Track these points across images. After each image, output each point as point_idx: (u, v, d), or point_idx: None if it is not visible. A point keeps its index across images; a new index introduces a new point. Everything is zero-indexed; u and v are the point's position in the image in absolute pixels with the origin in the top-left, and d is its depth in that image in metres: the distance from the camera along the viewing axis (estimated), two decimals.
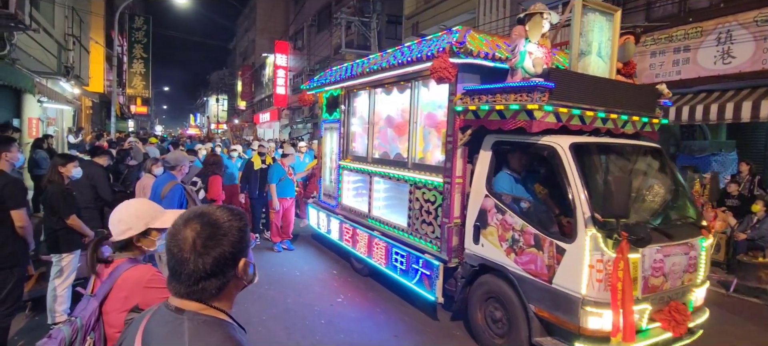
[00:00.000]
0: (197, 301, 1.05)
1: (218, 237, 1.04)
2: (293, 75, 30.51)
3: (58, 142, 13.18)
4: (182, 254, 1.03)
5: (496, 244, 3.83)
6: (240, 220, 1.10)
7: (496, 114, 3.78)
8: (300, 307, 5.12)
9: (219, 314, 1.06)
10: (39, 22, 9.74)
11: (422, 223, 4.78)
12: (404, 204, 5.13)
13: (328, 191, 7.17)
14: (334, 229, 6.69)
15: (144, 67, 24.74)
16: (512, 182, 3.99)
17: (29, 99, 10.61)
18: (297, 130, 28.99)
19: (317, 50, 26.29)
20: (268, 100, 34.78)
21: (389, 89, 5.63)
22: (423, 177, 4.78)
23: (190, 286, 1.03)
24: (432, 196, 4.62)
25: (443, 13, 16.21)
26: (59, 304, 4.07)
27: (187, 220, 1.06)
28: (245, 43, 44.50)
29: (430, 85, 4.83)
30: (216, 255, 1.03)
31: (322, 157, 7.45)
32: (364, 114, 6.26)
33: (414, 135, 5.08)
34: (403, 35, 18.24)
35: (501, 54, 4.14)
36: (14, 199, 3.45)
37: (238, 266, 1.07)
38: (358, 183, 6.44)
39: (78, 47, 13.84)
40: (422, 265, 4.52)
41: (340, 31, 19.95)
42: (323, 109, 7.32)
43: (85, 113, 17.96)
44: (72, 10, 13.22)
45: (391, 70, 4.89)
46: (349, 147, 6.60)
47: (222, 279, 1.05)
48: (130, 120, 28.72)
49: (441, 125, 4.75)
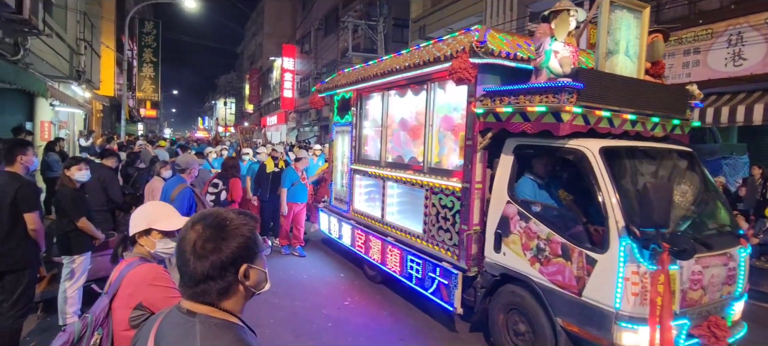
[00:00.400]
0: (202, 303, 1.04)
1: (217, 241, 1.02)
2: (300, 78, 30.43)
3: (70, 145, 13.18)
4: (184, 255, 1.03)
5: (520, 253, 3.59)
6: (248, 226, 1.07)
7: (520, 116, 3.54)
8: (307, 310, 5.06)
9: (230, 317, 1.05)
10: (52, 27, 9.71)
11: (439, 229, 4.53)
12: (419, 210, 4.89)
13: (340, 195, 6.92)
14: (345, 234, 6.43)
15: (153, 71, 24.71)
16: (535, 187, 3.75)
17: (42, 103, 10.58)
18: (304, 133, 28.88)
19: (324, 54, 26.18)
20: (275, 104, 34.71)
21: (403, 92, 5.40)
22: (440, 182, 4.54)
23: (192, 287, 1.03)
24: (449, 202, 4.38)
25: (450, 16, 16.01)
26: (70, 305, 4.07)
27: (194, 222, 1.06)
28: (253, 46, 44.50)
29: (447, 86, 4.65)
30: (213, 259, 1.01)
31: (333, 161, 7.21)
32: (377, 117, 6.04)
33: (430, 138, 4.84)
34: (410, 38, 18.06)
35: (522, 54, 3.91)
36: (28, 202, 3.44)
37: (240, 270, 1.05)
38: (371, 187, 6.20)
39: (89, 52, 13.84)
40: (440, 273, 4.27)
41: (346, 34, 19.84)
42: (334, 112, 7.08)
43: (96, 117, 17.91)
44: (84, 15, 13.20)
45: (406, 72, 4.66)
46: (361, 151, 6.37)
47: (221, 283, 1.03)
48: (140, 123, 28.73)
49: (458, 128, 4.53)
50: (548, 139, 3.52)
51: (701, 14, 8.62)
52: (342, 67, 23.66)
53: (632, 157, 3.40)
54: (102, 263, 4.74)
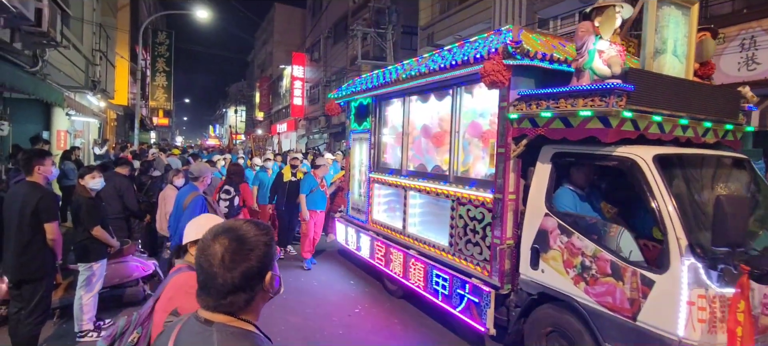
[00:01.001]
0: (226, 314, 1.04)
1: (245, 252, 1.03)
2: (310, 86, 30.33)
3: (85, 153, 13.18)
4: (211, 269, 1.01)
5: (561, 270, 3.22)
6: (266, 235, 1.09)
7: (560, 122, 3.18)
8: (317, 317, 4.98)
9: (247, 326, 1.05)
10: (69, 39, 9.70)
11: (467, 243, 4.17)
12: (445, 221, 4.53)
13: (357, 205, 6.54)
14: (364, 246, 6.04)
15: (166, 80, 24.67)
16: (576, 198, 3.38)
17: (58, 112, 10.66)
18: (313, 141, 28.72)
19: (333, 62, 26.04)
20: (285, 111, 34.63)
21: (426, 97, 5.05)
22: (468, 192, 4.18)
23: (219, 299, 1.02)
24: (479, 213, 4.02)
25: (459, 24, 15.75)
26: (86, 312, 4.09)
27: (215, 235, 1.05)
28: (263, 55, 44.57)
29: (475, 91, 4.36)
30: (243, 269, 1.02)
31: (350, 170, 6.85)
32: (397, 124, 5.68)
33: (455, 146, 4.49)
34: (419, 46, 17.83)
35: (559, 55, 3.55)
36: (48, 212, 3.45)
37: (265, 279, 1.07)
38: (391, 197, 5.85)
39: (104, 62, 13.83)
40: (469, 290, 3.90)
41: (356, 42, 19.64)
42: (351, 119, 6.73)
43: (110, 125, 17.88)
44: (100, 26, 13.19)
45: (430, 77, 4.34)
46: (380, 159, 6.01)
47: (250, 293, 1.04)
48: (152, 131, 28.74)
49: (487, 135, 4.22)
50: (592, 147, 3.17)
51: (712, 19, 8.28)
52: (351, 75, 23.50)
53: (688, 166, 3.03)
54: (117, 270, 4.81)
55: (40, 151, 3.74)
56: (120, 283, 4.86)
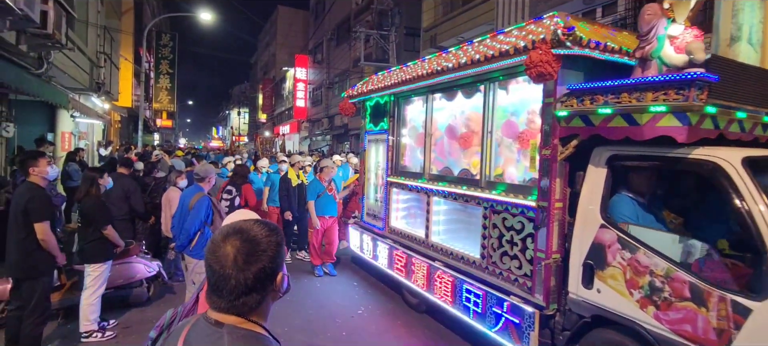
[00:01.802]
0: (237, 315, 1.01)
1: (258, 253, 1.01)
2: (313, 88, 29.93)
3: (89, 155, 12.91)
4: (224, 270, 0.98)
5: (623, 291, 2.71)
6: (277, 235, 1.07)
7: (622, 119, 2.67)
8: (321, 318, 4.87)
9: (257, 328, 1.03)
10: (74, 41, 9.49)
11: (503, 256, 3.66)
12: (475, 231, 4.04)
13: (373, 210, 6.01)
14: (381, 255, 5.49)
15: (169, 82, 24.23)
16: (637, 207, 2.88)
17: (63, 114, 10.52)
18: (316, 143, 28.29)
19: (336, 63, 25.63)
20: (287, 113, 34.20)
21: (452, 94, 4.56)
22: (503, 199, 3.65)
23: (232, 301, 1.00)
24: (517, 223, 3.51)
25: (462, 25, 15.35)
26: (91, 313, 4.07)
27: (226, 236, 1.02)
28: (266, 57, 44.13)
29: (511, 86, 3.88)
30: (256, 270, 1.00)
31: (364, 173, 6.30)
32: (418, 123, 5.19)
33: (488, 148, 3.99)
34: (421, 48, 17.44)
35: (612, 44, 3.05)
36: (36, 212, 3.40)
37: (276, 279, 1.05)
38: (411, 203, 5.36)
39: (109, 64, 13.68)
40: (507, 309, 3.39)
41: (359, 44, 19.24)
42: (367, 119, 6.20)
43: (114, 127, 17.49)
44: (104, 29, 12.96)
45: (459, 71, 3.83)
46: (398, 161, 5.49)
47: (261, 293, 1.03)
48: (156, 133, 28.34)
49: (526, 136, 3.73)
50: (660, 148, 2.66)
51: None
52: (354, 77, 23.11)
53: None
54: (122, 271, 4.72)
55: (34, 153, 3.71)
56: (125, 284, 4.81)
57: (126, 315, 4.68)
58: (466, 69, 3.74)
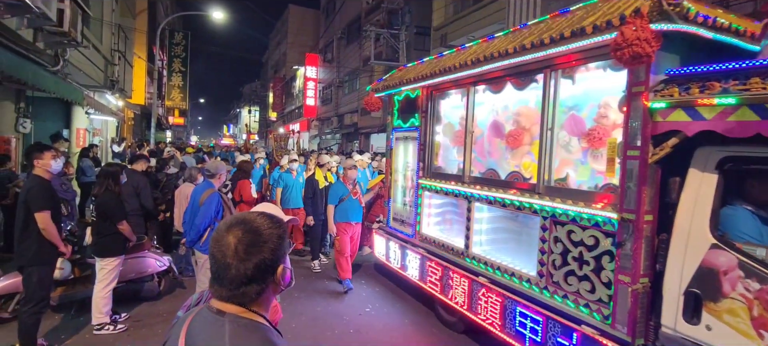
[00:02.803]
0: (238, 305, 1.06)
1: (259, 244, 1.05)
2: (323, 87, 30.48)
3: (103, 151, 13.39)
4: (225, 260, 1.04)
5: (748, 332, 2.25)
6: (279, 227, 1.11)
7: (750, 111, 2.24)
8: (329, 315, 4.99)
9: (258, 317, 1.08)
10: (89, 39, 9.94)
11: (568, 275, 3.19)
12: (530, 243, 3.68)
13: (401, 215, 5.58)
14: (411, 265, 5.08)
15: (182, 80, 25.10)
16: (760, 224, 2.44)
17: (78, 111, 10.88)
18: (326, 141, 28.88)
19: (346, 62, 26.16)
20: (297, 112, 34.89)
21: (498, 86, 4.11)
22: (570, 208, 3.16)
23: (232, 290, 1.05)
24: (589, 237, 3.02)
25: (472, 24, 15.71)
26: (103, 305, 4.23)
27: (229, 227, 1.07)
28: (277, 56, 45.01)
29: (578, 74, 3.43)
30: (257, 261, 1.04)
31: (390, 174, 5.85)
32: (456, 119, 4.85)
33: (547, 147, 3.51)
34: (432, 46, 17.85)
35: (722, 20, 2.62)
36: (36, 202, 3.54)
37: (277, 271, 1.09)
38: (447, 208, 4.99)
39: (123, 62, 14.12)
40: (578, 341, 2.93)
41: (369, 43, 19.73)
42: (394, 114, 5.75)
43: (128, 124, 18.23)
44: (118, 27, 13.49)
45: (513, 57, 3.44)
46: (431, 162, 5.07)
47: (262, 284, 1.07)
48: (168, 131, 29.17)
49: (596, 133, 3.28)
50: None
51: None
52: (364, 76, 23.53)
53: None
54: (134, 265, 4.99)
55: (40, 146, 3.87)
56: (136, 278, 5.01)
57: (137, 309, 4.84)
58: (526, 53, 3.30)
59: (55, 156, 3.75)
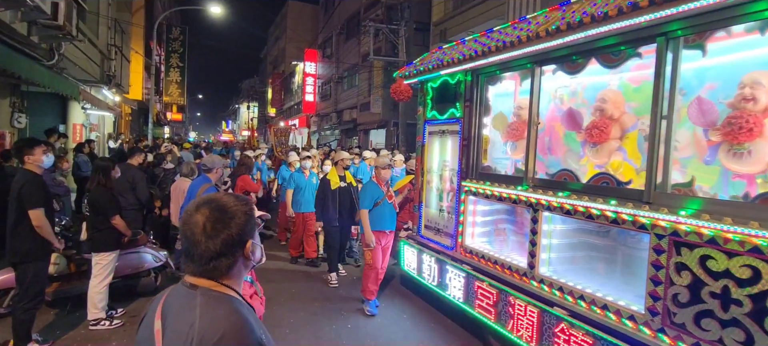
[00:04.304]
0: (209, 279, 1.15)
1: (226, 220, 1.14)
2: (322, 82, 30.77)
3: (100, 146, 13.51)
4: (195, 237, 1.13)
5: None
6: (246, 205, 1.20)
7: None
8: (327, 311, 5.06)
9: (228, 290, 1.16)
10: (85, 33, 10.06)
11: (703, 317, 2.42)
12: (630, 267, 3.15)
13: (436, 222, 4.97)
14: (453, 284, 4.39)
15: (179, 76, 25.40)
16: None
17: (74, 106, 11.07)
18: (325, 137, 29.14)
19: (345, 58, 26.35)
20: (296, 107, 35.14)
21: (575, 65, 3.35)
22: (705, 225, 2.38)
23: (203, 265, 1.14)
24: (741, 268, 2.25)
25: (471, 20, 15.94)
26: (98, 301, 4.26)
27: (198, 206, 1.17)
28: (276, 51, 45.27)
29: (711, 44, 2.63)
30: (225, 237, 1.13)
31: (423, 175, 5.20)
32: (510, 109, 4.30)
33: (659, 141, 2.72)
34: (431, 42, 18.09)
35: None
36: (29, 199, 3.56)
37: (246, 246, 1.18)
38: (500, 217, 4.43)
39: (119, 57, 14.21)
40: None
41: (368, 39, 19.88)
42: (428, 104, 5.08)
43: (125, 120, 18.41)
44: (115, 21, 13.71)
45: (607, 23, 2.77)
46: (478, 161, 4.41)
47: (231, 259, 1.16)
48: (166, 126, 29.34)
49: (740, 122, 2.51)
50: None
51: None
52: (363, 72, 23.77)
53: None
54: (130, 260, 5.03)
55: (31, 140, 3.88)
56: (133, 273, 5.03)
57: (133, 304, 4.83)
58: (620, 19, 2.67)
59: (45, 151, 3.76)
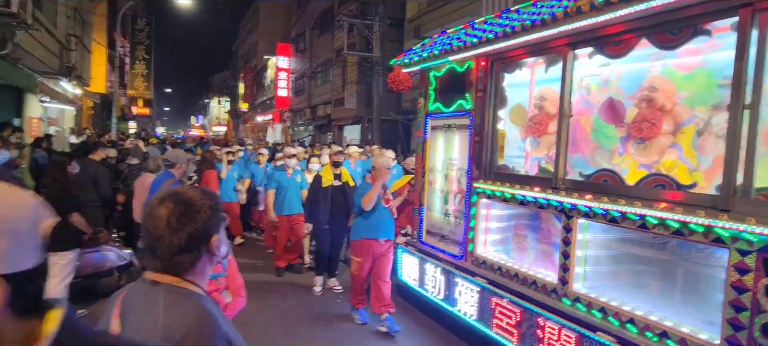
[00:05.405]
0: (173, 275, 1.09)
1: (191, 214, 1.08)
2: (295, 77, 30.10)
3: (60, 142, 12.86)
4: (157, 232, 1.07)
5: None
6: (211, 199, 1.14)
7: None
8: (298, 308, 4.94)
9: (193, 286, 1.11)
10: (41, 22, 9.66)
11: None
12: (694, 287, 2.70)
13: (440, 228, 4.46)
14: (464, 299, 3.85)
15: (146, 69, 24.23)
16: None
17: (31, 99, 10.42)
18: (298, 133, 28.51)
19: (319, 53, 25.89)
20: (269, 102, 34.28)
21: (618, 48, 2.91)
22: None
23: (166, 260, 1.08)
24: None
25: (445, 17, 15.80)
26: None
27: (161, 200, 1.10)
28: (248, 45, 44.01)
29: None
30: (190, 231, 1.07)
31: (425, 175, 4.68)
32: (533, 99, 3.85)
33: (738, 137, 2.29)
34: (405, 39, 17.85)
35: None
36: None
37: (211, 241, 1.12)
38: (520, 223, 3.95)
39: (80, 47, 13.61)
40: None
41: (342, 33, 19.51)
42: (431, 95, 4.55)
43: (86, 114, 17.52)
44: (74, 10, 12.88)
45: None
46: (493, 159, 3.90)
47: (195, 254, 1.10)
48: (132, 121, 28.25)
49: None
50: None
51: None
52: (337, 67, 23.24)
53: None
54: (91, 260, 4.76)
55: None
56: (94, 273, 4.83)
57: (95, 305, 4.71)
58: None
59: (3, 148, 3.63)
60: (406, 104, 17.51)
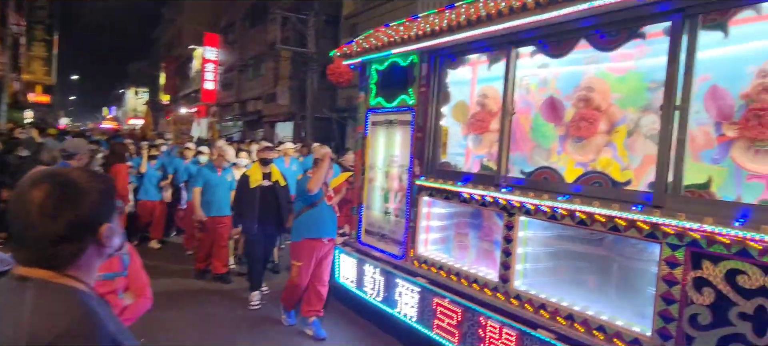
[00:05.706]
0: (48, 268, 0.92)
1: (74, 198, 0.92)
2: (223, 70, 28.57)
3: None
4: (28, 218, 0.90)
5: None
6: (103, 182, 0.99)
7: None
8: (221, 311, 4.70)
9: (75, 282, 0.94)
10: None
11: (732, 341, 2.08)
12: (628, 282, 2.78)
13: (380, 227, 4.33)
14: (404, 300, 3.78)
15: (46, 51, 21.59)
16: None
17: None
18: (226, 129, 27.04)
19: (250, 46, 24.86)
20: (194, 96, 32.17)
21: (559, 48, 2.97)
22: (735, 233, 2.04)
23: (39, 252, 0.91)
24: None
25: (382, 17, 15.91)
26: None
27: (34, 181, 0.92)
28: (171, 33, 40.98)
29: (732, 26, 2.28)
30: (71, 218, 0.91)
31: (364, 172, 4.55)
32: (477, 97, 3.80)
33: (671, 135, 2.37)
34: (341, 36, 17.66)
35: None
36: None
37: (100, 231, 0.95)
38: (463, 221, 3.92)
39: None
40: None
41: (275, 27, 18.79)
42: (372, 89, 4.44)
43: None
44: None
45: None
46: (436, 156, 3.87)
47: (77, 244, 0.93)
48: (28, 110, 24.93)
49: (761, 112, 2.18)
50: None
51: None
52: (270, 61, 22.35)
53: None
54: None
55: None
56: None
57: None
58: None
59: None
60: (341, 102, 17.30)
